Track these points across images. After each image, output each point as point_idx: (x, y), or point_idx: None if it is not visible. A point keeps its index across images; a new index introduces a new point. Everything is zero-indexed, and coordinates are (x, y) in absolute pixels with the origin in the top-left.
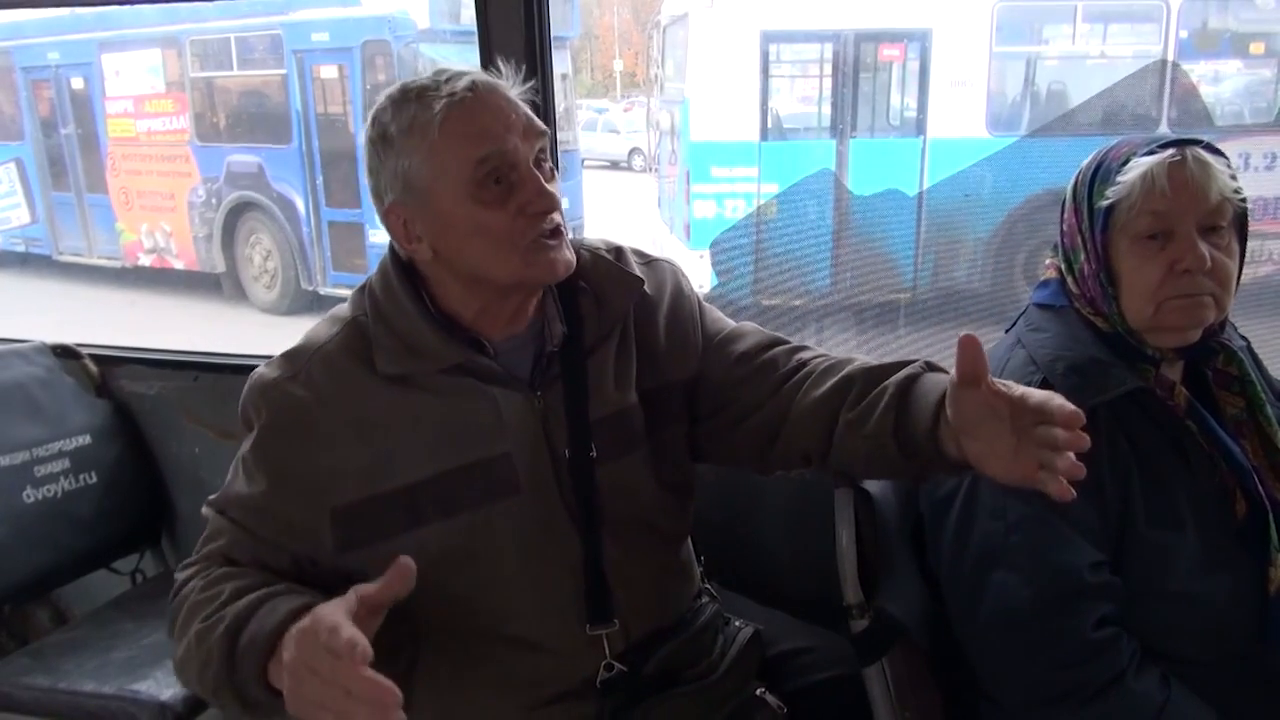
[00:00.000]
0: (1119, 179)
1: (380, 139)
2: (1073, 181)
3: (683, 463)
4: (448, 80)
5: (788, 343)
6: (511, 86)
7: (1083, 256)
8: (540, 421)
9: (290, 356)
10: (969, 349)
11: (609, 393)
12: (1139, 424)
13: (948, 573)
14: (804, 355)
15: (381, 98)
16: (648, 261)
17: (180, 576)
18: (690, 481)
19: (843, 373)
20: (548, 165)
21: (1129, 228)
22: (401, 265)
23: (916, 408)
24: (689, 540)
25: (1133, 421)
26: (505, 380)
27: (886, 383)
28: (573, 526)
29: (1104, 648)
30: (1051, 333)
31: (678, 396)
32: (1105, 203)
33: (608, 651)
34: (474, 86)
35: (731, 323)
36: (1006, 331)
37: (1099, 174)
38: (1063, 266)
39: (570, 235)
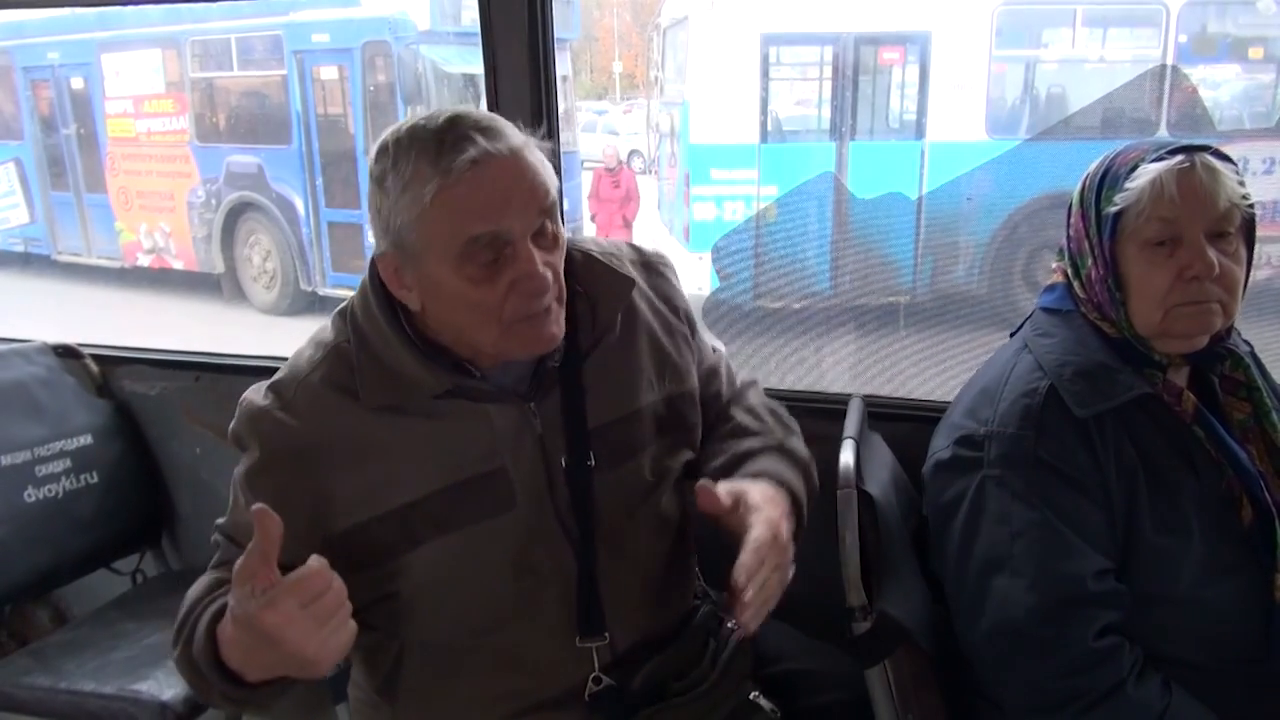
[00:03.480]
0: (1127, 185)
1: (380, 181)
2: (1079, 186)
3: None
4: (454, 144)
5: (733, 383)
6: (526, 144)
7: (1090, 262)
8: (534, 432)
9: (276, 387)
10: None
11: (608, 399)
12: (1146, 430)
13: (951, 577)
14: (734, 411)
15: (389, 133)
16: (644, 262)
17: (187, 596)
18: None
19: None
20: (551, 232)
21: (1137, 234)
22: (384, 289)
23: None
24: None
25: (1139, 427)
26: (497, 396)
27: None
28: (565, 538)
29: (1105, 657)
30: (1059, 338)
31: (690, 406)
32: (1113, 209)
33: (596, 664)
34: (476, 161)
35: (708, 345)
36: (1011, 335)
37: (1106, 179)
38: (1069, 271)
39: (569, 236)
